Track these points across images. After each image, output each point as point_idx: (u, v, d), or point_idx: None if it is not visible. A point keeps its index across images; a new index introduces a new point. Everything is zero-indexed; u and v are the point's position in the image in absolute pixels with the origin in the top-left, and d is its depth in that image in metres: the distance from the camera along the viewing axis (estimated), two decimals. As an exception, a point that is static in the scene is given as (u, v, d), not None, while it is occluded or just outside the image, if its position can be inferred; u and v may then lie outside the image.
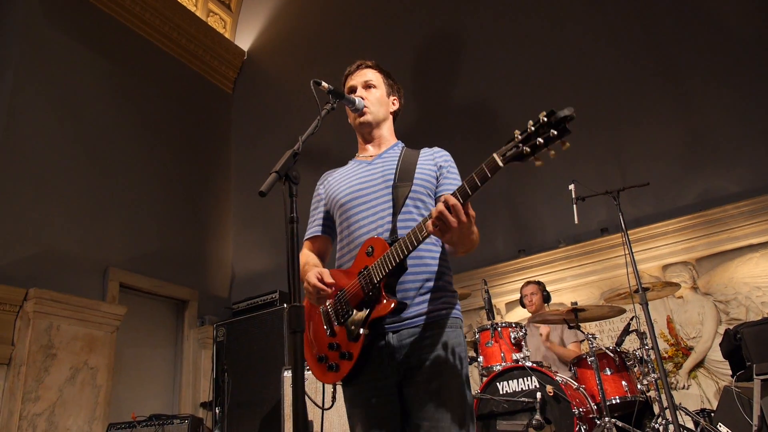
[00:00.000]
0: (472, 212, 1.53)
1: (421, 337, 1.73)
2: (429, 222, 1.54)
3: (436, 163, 1.95)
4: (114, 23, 7.28)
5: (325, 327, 1.84)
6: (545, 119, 1.34)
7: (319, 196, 2.09)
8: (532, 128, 1.36)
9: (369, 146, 2.06)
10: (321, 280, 1.73)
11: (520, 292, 4.76)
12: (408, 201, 1.84)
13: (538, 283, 4.74)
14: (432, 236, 1.78)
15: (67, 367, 5.39)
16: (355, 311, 1.75)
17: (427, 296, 1.77)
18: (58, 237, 5.86)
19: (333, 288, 1.74)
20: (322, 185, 2.09)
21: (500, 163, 1.42)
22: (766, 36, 5.01)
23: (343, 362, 1.76)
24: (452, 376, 1.70)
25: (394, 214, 1.82)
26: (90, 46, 6.84)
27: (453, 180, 1.92)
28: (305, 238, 2.07)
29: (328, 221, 2.05)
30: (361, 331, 1.71)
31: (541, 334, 4.39)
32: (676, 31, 5.46)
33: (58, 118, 6.24)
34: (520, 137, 1.38)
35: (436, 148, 2.03)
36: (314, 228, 2.06)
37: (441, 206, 1.48)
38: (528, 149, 1.36)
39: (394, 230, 1.79)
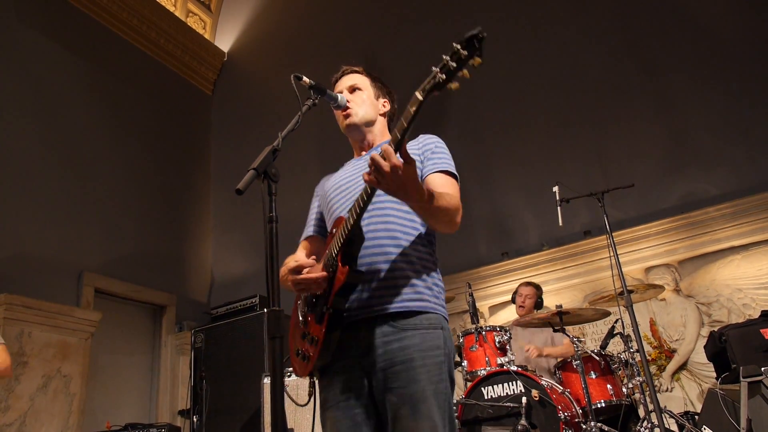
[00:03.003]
0: (411, 158, 1.46)
1: (396, 338, 1.64)
2: (365, 173, 1.47)
3: (419, 148, 1.88)
4: (91, 22, 7.13)
5: (300, 320, 1.79)
6: (458, 46, 1.32)
7: (316, 196, 2.08)
8: (446, 57, 1.34)
9: (363, 152, 2.01)
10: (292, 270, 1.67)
11: (516, 290, 4.69)
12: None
13: (537, 287, 4.65)
14: (410, 223, 1.77)
15: (39, 375, 5.22)
16: (320, 293, 1.69)
17: (406, 291, 1.69)
18: (31, 240, 5.69)
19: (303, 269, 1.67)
20: (319, 186, 2.08)
21: (420, 97, 1.40)
22: (748, 38, 5.06)
23: (311, 348, 1.68)
24: (428, 383, 1.59)
25: (366, 204, 1.73)
26: (65, 45, 6.68)
27: (436, 160, 1.84)
28: (301, 238, 2.05)
29: (323, 221, 2.02)
30: (324, 309, 1.64)
31: (527, 351, 4.21)
32: (658, 32, 5.49)
33: (31, 118, 6.07)
34: (436, 69, 1.37)
35: (425, 136, 1.94)
36: (308, 228, 2.05)
37: (374, 153, 1.44)
38: (443, 76, 1.35)
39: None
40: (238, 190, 1.43)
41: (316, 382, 1.78)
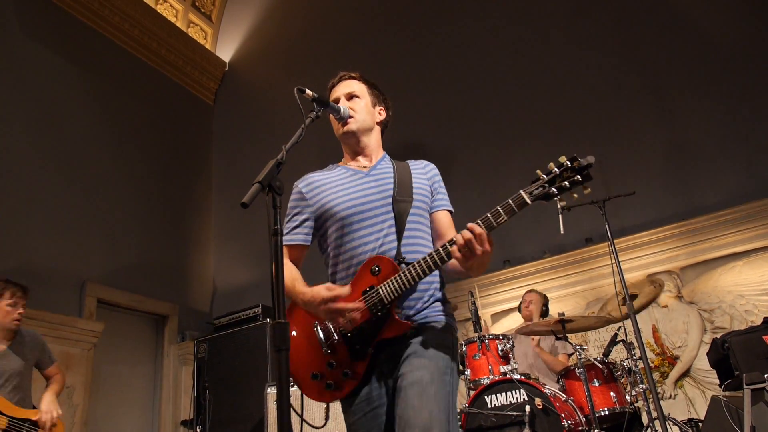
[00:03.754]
0: (491, 240, 1.59)
1: (413, 333, 1.74)
2: (455, 247, 1.58)
3: (429, 178, 1.96)
4: (93, 34, 7.17)
5: (322, 344, 1.78)
6: (569, 164, 1.49)
7: (304, 200, 1.94)
8: (557, 170, 1.51)
9: (360, 158, 2.00)
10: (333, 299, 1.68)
11: (522, 298, 4.71)
12: (410, 218, 1.83)
13: (542, 295, 4.68)
14: (429, 250, 1.82)
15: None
16: (358, 330, 1.72)
17: (427, 305, 1.79)
18: (33, 251, 5.70)
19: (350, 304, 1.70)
20: (306, 187, 1.96)
21: (528, 200, 1.55)
22: (747, 45, 5.08)
23: (346, 381, 1.73)
24: (437, 372, 1.66)
25: (398, 232, 1.80)
26: (67, 56, 6.71)
27: (442, 195, 1.97)
28: (285, 243, 1.89)
29: (313, 229, 1.94)
30: (369, 350, 1.70)
31: (532, 339, 4.31)
32: (658, 40, 5.52)
33: (33, 129, 6.10)
34: (546, 178, 1.53)
35: (424, 162, 2.02)
36: (297, 236, 1.92)
37: (468, 234, 1.56)
38: (555, 190, 1.51)
39: (399, 249, 1.77)
40: (244, 203, 1.44)
41: (332, 403, 1.84)
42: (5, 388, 3.33)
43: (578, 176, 1.48)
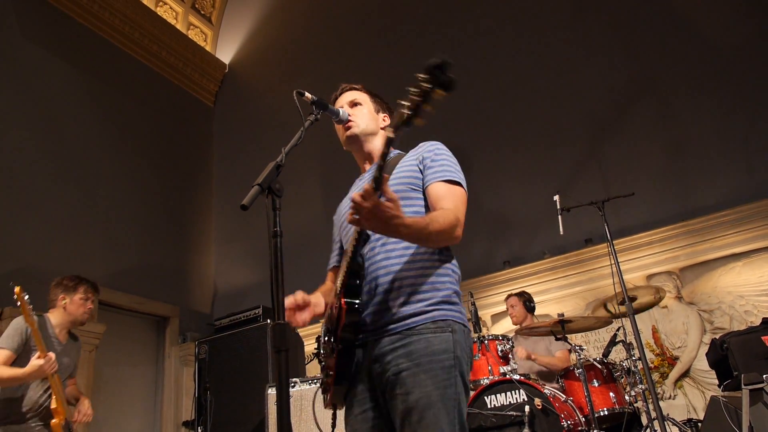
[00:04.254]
0: (392, 195, 1.45)
1: (402, 344, 1.61)
2: (349, 211, 1.47)
3: (418, 156, 1.86)
4: (93, 37, 7.19)
5: (319, 352, 1.84)
6: (420, 76, 1.28)
7: (335, 226, 2.07)
8: (412, 90, 1.30)
9: (367, 164, 2.02)
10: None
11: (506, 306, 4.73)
12: None
13: (519, 294, 4.69)
14: None
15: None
16: (330, 326, 1.72)
17: (409, 298, 1.67)
18: (35, 253, 5.71)
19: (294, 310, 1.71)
20: (336, 214, 2.08)
21: (391, 135, 1.37)
22: (745, 47, 5.09)
23: (328, 380, 1.71)
24: (435, 388, 1.55)
25: None
26: (68, 59, 6.74)
27: (436, 168, 1.80)
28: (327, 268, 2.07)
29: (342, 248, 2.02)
30: (333, 344, 1.67)
31: (520, 356, 4.20)
32: (656, 42, 5.53)
33: (34, 132, 6.12)
34: (403, 103, 1.32)
35: (425, 143, 1.93)
36: (332, 259, 2.06)
37: (355, 195, 1.43)
38: (409, 112, 1.30)
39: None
40: (243, 206, 1.45)
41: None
42: (64, 382, 3.42)
43: (426, 84, 1.26)
